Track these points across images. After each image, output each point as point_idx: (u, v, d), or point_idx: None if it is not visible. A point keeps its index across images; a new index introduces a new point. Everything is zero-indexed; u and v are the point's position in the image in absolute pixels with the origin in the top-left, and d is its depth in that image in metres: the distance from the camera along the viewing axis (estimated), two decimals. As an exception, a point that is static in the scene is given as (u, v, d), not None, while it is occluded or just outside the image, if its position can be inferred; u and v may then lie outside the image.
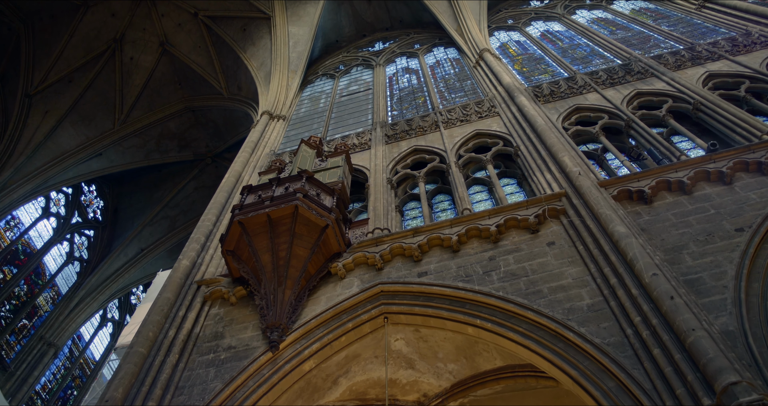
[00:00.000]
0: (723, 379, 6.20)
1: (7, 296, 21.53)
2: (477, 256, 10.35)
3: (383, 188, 13.48)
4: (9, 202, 22.06)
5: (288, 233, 10.69)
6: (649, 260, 8.29)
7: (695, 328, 6.93)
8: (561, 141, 12.67)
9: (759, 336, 7.40)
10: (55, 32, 26.24)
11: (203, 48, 27.39)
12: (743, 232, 9.10)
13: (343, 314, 10.15)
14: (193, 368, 9.74)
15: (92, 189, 28.81)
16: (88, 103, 26.42)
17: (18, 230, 23.41)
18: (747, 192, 10.03)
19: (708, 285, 8.26)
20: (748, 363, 6.92)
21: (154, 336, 10.06)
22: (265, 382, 9.26)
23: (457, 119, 16.12)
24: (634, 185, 10.68)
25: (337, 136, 17.87)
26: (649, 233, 9.64)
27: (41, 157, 24.17)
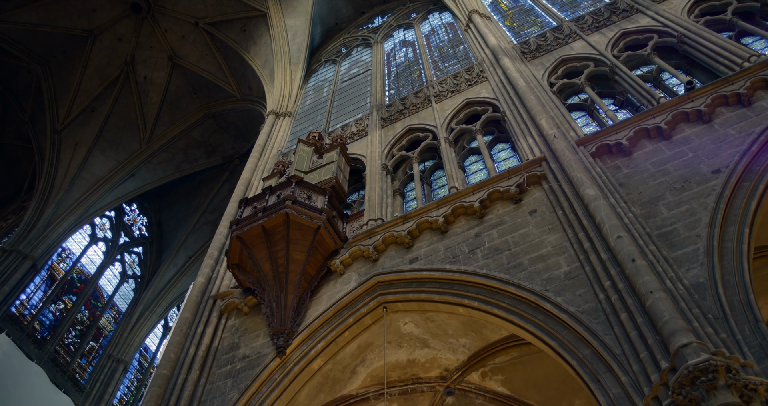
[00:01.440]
0: (676, 341, 6.22)
1: (72, 323, 23.00)
2: (464, 234, 10.49)
3: (378, 176, 13.66)
4: (57, 236, 23.37)
5: (283, 240, 11.08)
6: (615, 222, 8.24)
7: (653, 290, 6.92)
8: (542, 101, 12.51)
9: (732, 283, 7.32)
10: (69, 67, 27.26)
11: (210, 55, 27.87)
12: (720, 173, 8.90)
13: (344, 310, 10.52)
14: (213, 381, 10.35)
15: (134, 208, 30.10)
16: (113, 129, 27.46)
17: (70, 260, 24.82)
18: (726, 128, 9.76)
19: (681, 237, 8.18)
20: (715, 315, 6.89)
21: (175, 357, 10.70)
22: (277, 386, 9.77)
23: (448, 91, 16.04)
24: (612, 138, 10.51)
25: (339, 125, 18.05)
26: (627, 188, 9.54)
27: (79, 187, 25.39)
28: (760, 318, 6.86)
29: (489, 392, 11.98)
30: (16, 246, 21.62)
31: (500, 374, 11.95)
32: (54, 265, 23.60)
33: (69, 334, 22.64)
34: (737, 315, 6.92)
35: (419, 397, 12.21)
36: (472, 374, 11.94)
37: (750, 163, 8.92)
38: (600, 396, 6.90)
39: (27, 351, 19.84)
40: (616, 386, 6.80)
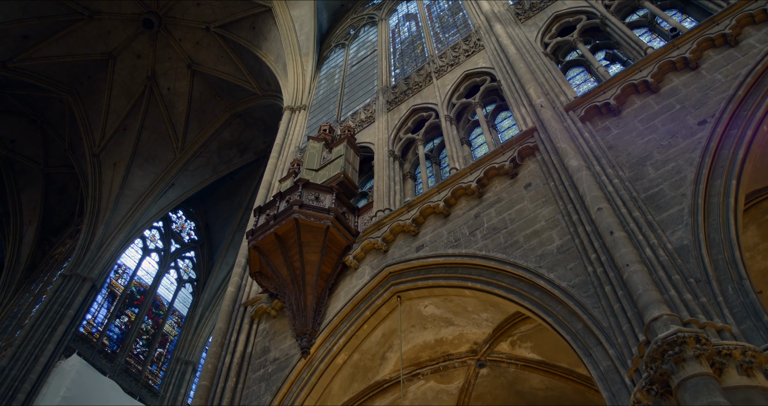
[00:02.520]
0: (648, 314, 6.26)
1: (138, 334, 24.34)
2: (464, 216, 10.59)
3: (385, 164, 13.80)
4: (110, 254, 24.60)
5: (296, 245, 11.45)
6: (596, 193, 8.20)
7: (629, 262, 6.93)
8: (531, 67, 12.33)
9: (717, 241, 7.23)
10: (96, 90, 28.30)
11: (225, 57, 28.33)
12: (706, 124, 8.70)
13: (360, 304, 10.85)
14: (249, 386, 10.92)
15: (180, 215, 31.24)
16: (146, 143, 28.45)
17: (127, 275, 26.13)
18: (714, 73, 9.47)
19: (667, 197, 8.08)
20: (697, 279, 6.86)
21: (213, 367, 11.33)
22: (305, 385, 10.24)
23: (447, 65, 15.91)
24: (600, 99, 10.35)
25: (349, 114, 18.18)
26: (616, 150, 9.42)
27: (124, 205, 26.55)
28: (744, 276, 6.79)
29: (520, 360, 12.14)
30: (74, 270, 22.92)
31: (529, 342, 12.08)
32: (113, 282, 24.91)
33: (137, 344, 23.98)
34: (722, 275, 6.87)
35: (453, 372, 12.48)
36: (501, 344, 12.11)
37: (737, 108, 8.67)
38: (592, 370, 7.01)
39: (100, 366, 21.19)
40: (606, 358, 6.89)
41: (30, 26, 25.46)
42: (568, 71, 13.15)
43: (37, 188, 29.53)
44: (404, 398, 12.54)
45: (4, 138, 28.97)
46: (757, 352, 5.85)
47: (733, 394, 5.53)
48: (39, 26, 25.72)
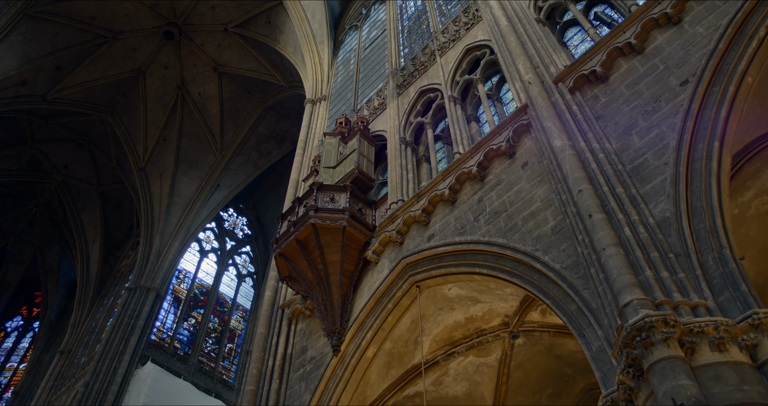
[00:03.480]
0: (622, 299, 6.38)
1: (206, 333, 25.68)
2: (469, 202, 10.76)
3: (396, 153, 13.97)
4: (169, 263, 25.89)
5: (317, 248, 11.92)
6: (578, 174, 8.24)
7: (606, 246, 7.01)
8: (523, 38, 12.19)
9: (699, 210, 7.21)
10: (132, 106, 29.44)
11: (248, 54, 28.78)
12: (687, 84, 8.55)
13: (382, 298, 11.25)
14: (291, 386, 11.58)
15: (231, 212, 32.37)
16: (187, 150, 29.47)
17: (188, 279, 27.47)
18: (696, 27, 9.22)
19: (651, 167, 8.06)
20: (677, 253, 6.89)
21: (258, 371, 12.05)
22: (340, 381, 10.79)
23: (449, 40, 15.81)
24: (587, 67, 10.23)
25: (364, 101, 18.34)
26: (604, 120, 9.37)
27: (175, 213, 27.76)
28: (725, 244, 6.78)
29: (552, 327, 12.25)
30: (138, 283, 24.30)
31: (558, 309, 12.23)
32: (176, 288, 26.27)
33: (206, 343, 25.33)
34: (703, 245, 6.87)
35: (489, 346, 12.74)
36: (532, 314, 12.27)
37: (719, 63, 8.47)
38: (586, 350, 7.20)
39: (175, 369, 22.56)
40: (597, 339, 7.06)
41: (60, 58, 26.60)
42: (567, 31, 12.93)
43: (94, 207, 31.17)
44: (446, 375, 13.01)
45: (57, 165, 30.62)
46: (730, 326, 5.92)
47: (704, 372, 5.65)
48: (68, 56, 26.84)
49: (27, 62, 25.35)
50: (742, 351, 5.81)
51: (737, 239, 11.17)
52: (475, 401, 13.31)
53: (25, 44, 25.14)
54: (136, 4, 27.19)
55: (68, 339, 26.51)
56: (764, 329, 5.85)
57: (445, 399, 13.25)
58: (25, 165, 30.27)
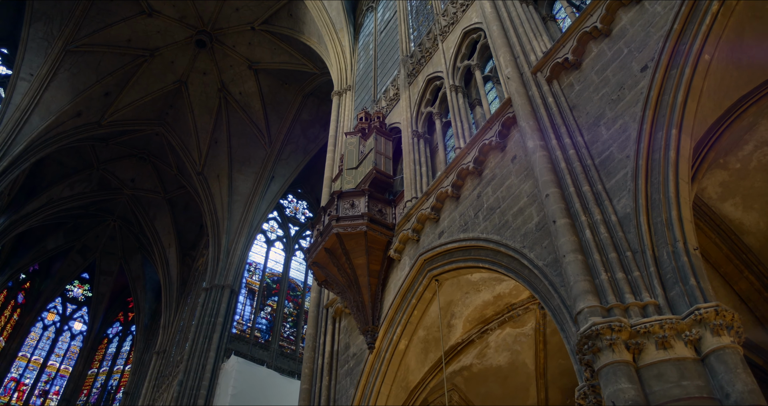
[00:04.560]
0: (576, 307, 6.93)
1: (283, 319, 27.45)
2: (470, 197, 11.32)
3: (410, 148, 14.49)
4: (239, 258, 27.65)
5: (343, 254, 12.85)
6: (547, 177, 8.66)
7: (566, 253, 7.52)
8: (506, 25, 12.35)
9: (657, 202, 7.57)
10: (181, 116, 31.06)
11: (278, 48, 29.61)
12: (647, 70, 8.73)
13: (407, 294, 12.08)
14: (339, 381, 12.73)
15: (290, 199, 33.84)
16: (238, 149, 30.91)
17: (259, 270, 29.23)
18: (654, 5, 9.32)
19: (615, 160, 8.40)
20: (634, 250, 7.33)
21: (309, 371, 13.26)
22: (378, 374, 11.80)
23: (449, 23, 15.98)
24: (561, 55, 10.44)
25: (382, 91, 18.79)
26: (578, 109, 9.66)
27: (236, 211, 29.39)
28: (679, 237, 7.14)
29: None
30: (212, 282, 26.18)
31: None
32: (248, 281, 28.07)
33: (284, 328, 27.13)
34: (659, 239, 7.27)
35: (522, 317, 13.34)
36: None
37: (675, 45, 8.59)
38: (566, 344, 7.80)
39: (259, 356, 24.44)
40: (573, 335, 7.64)
41: (106, 84, 28.35)
42: (556, 2, 12.95)
43: (165, 214, 33.39)
44: (488, 348, 13.83)
45: (124, 180, 32.88)
46: (675, 322, 6.41)
47: (648, 371, 6.21)
48: (113, 81, 28.55)
49: (77, 95, 27.18)
50: (687, 346, 6.30)
51: (746, 191, 11.41)
52: (518, 368, 14.13)
53: (73, 78, 26.94)
54: (165, 19, 28.40)
55: (161, 340, 29.04)
56: (707, 322, 6.30)
57: (490, 369, 14.14)
58: (96, 185, 32.71)
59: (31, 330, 34.60)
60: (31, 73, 25.68)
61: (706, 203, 11.51)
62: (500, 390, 14.47)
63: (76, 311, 36.86)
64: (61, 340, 35.50)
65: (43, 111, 25.84)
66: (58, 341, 35.39)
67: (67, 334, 35.97)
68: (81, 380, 34.00)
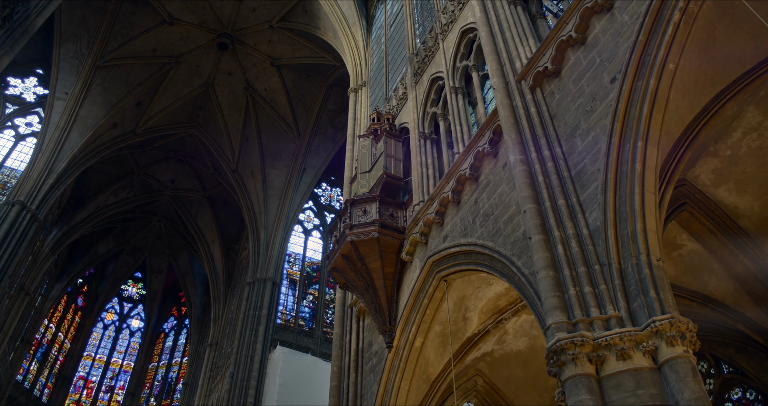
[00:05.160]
0: (546, 323, 7.56)
1: (325, 305, 28.67)
2: (469, 203, 11.91)
3: (417, 150, 15.04)
4: (278, 251, 28.84)
5: (359, 259, 13.66)
6: (525, 193, 9.19)
7: (539, 269, 8.11)
8: (494, 29, 12.70)
9: (624, 215, 8.06)
10: (211, 117, 32.18)
11: (298, 43, 30.20)
12: (615, 82, 9.10)
13: (419, 294, 12.82)
14: (364, 377, 13.66)
15: (324, 187, 34.82)
16: (269, 144, 31.90)
17: (298, 260, 30.42)
18: (623, 14, 9.60)
19: (588, 173, 8.87)
20: (602, 263, 7.88)
21: (338, 369, 14.24)
22: (398, 370, 12.66)
23: (448, 22, 16.31)
24: (542, 63, 10.80)
25: (393, 88, 19.27)
26: (558, 119, 10.09)
27: (272, 204, 30.52)
28: (642, 249, 7.66)
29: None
30: (254, 276, 27.46)
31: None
32: (289, 271, 29.32)
33: (327, 314, 28.32)
34: (625, 251, 7.80)
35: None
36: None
37: (641, 56, 8.91)
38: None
39: (304, 344, 25.72)
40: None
41: (137, 94, 29.60)
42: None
43: (206, 212, 34.84)
44: (506, 334, 14.54)
45: (165, 182, 34.39)
46: (634, 334, 6.99)
47: (608, 381, 6.84)
48: (143, 90, 29.79)
49: (111, 107, 28.51)
50: (644, 356, 6.89)
51: (738, 175, 11.72)
52: (537, 352, 14.73)
53: (105, 92, 28.24)
54: (186, 26, 29.32)
55: (213, 333, 30.69)
56: (662, 333, 6.87)
57: (511, 354, 14.89)
58: (139, 190, 34.33)
59: (93, 330, 36.96)
60: (66, 92, 27.04)
61: (701, 189, 11.87)
62: (522, 373, 15.23)
63: (132, 309, 39.09)
64: (121, 337, 37.81)
65: (81, 127, 27.25)
66: (119, 339, 37.70)
67: (126, 331, 38.27)
68: (143, 375, 36.25)
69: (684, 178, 11.59)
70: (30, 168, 25.29)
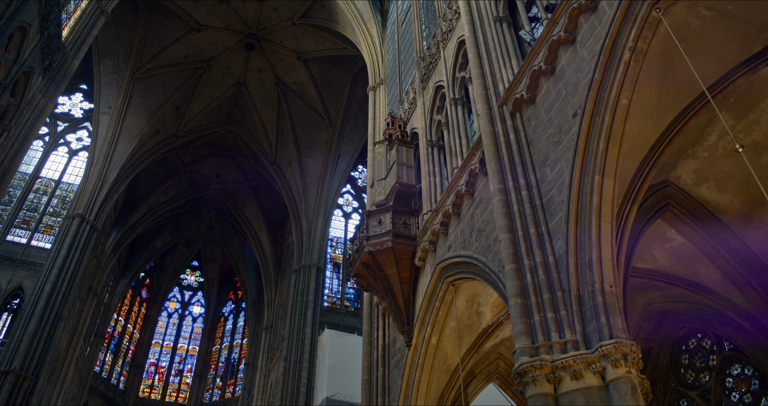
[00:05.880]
0: (515, 346, 8.82)
1: (367, 289, 30.45)
2: (467, 217, 13.09)
3: (426, 158, 16.13)
4: (320, 237, 30.58)
5: (377, 267, 15.08)
6: (501, 222, 10.31)
7: (511, 296, 9.32)
8: (481, 50, 13.54)
9: (584, 244, 9.15)
10: (247, 113, 33.81)
11: (320, 37, 31.38)
12: (576, 117, 10.02)
13: (432, 297, 14.16)
14: (390, 370, 15.24)
15: (360, 169, 36.26)
16: (303, 134, 33.39)
17: (340, 244, 32.18)
18: (582, 49, 10.38)
19: (555, 203, 9.93)
20: (564, 290, 9.04)
21: (368, 363, 15.86)
22: (417, 366, 14.13)
23: (447, 31, 17.11)
24: (519, 90, 11.71)
25: (405, 91, 20.20)
26: (534, 145, 11.07)
27: (311, 193, 32.21)
28: (597, 277, 8.77)
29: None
30: (300, 264, 29.34)
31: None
32: (332, 256, 31.13)
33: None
34: (583, 279, 8.90)
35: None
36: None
37: (597, 93, 9.76)
38: (530, 362, 9.72)
39: (351, 324, 27.58)
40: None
41: (174, 100, 31.43)
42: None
43: (251, 201, 36.85)
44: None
45: (210, 176, 36.47)
46: (585, 356, 8.18)
47: (564, 398, 8.10)
48: (180, 95, 31.59)
49: (152, 115, 30.44)
50: (595, 376, 8.09)
51: (718, 175, 12.55)
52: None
53: (145, 102, 30.14)
54: (214, 31, 30.77)
55: (267, 316, 32.99)
56: (609, 356, 8.03)
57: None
58: (187, 186, 36.55)
59: (158, 319, 40.09)
60: (109, 106, 29.03)
61: (683, 188, 12.68)
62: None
63: (192, 297, 41.99)
64: (184, 324, 40.85)
65: (126, 137, 29.30)
66: (183, 326, 40.75)
67: (188, 318, 41.26)
68: (208, 357, 39.23)
69: (667, 179, 12.44)
70: (84, 182, 27.56)
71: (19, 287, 23.58)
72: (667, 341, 15.85)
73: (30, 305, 22.61)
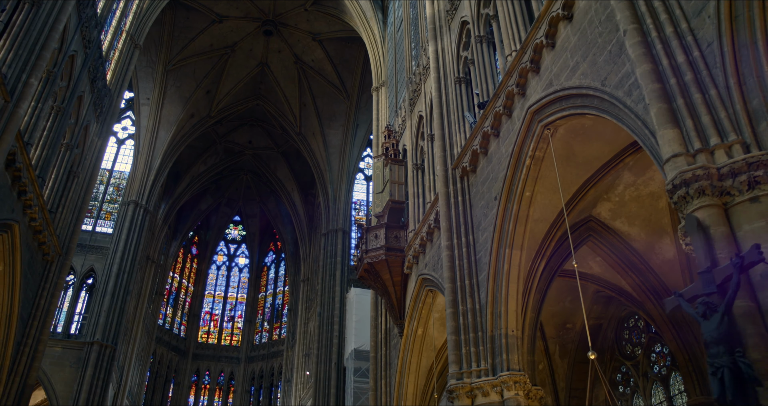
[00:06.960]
0: (449, 371, 13.14)
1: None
2: (435, 245, 17.07)
3: (412, 180, 19.92)
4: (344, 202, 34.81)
5: (375, 273, 19.41)
6: (447, 274, 14.34)
7: (449, 333, 13.53)
8: (443, 110, 16.99)
9: (498, 298, 13.25)
10: (271, 89, 37.39)
11: (331, 20, 33.99)
12: (497, 200, 13.76)
13: (416, 299, 18.48)
14: (389, 352, 19.91)
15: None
16: (323, 107, 36.92)
17: (363, 206, 36.47)
18: (501, 146, 13.90)
19: (482, 263, 13.90)
20: (483, 331, 13.22)
21: (375, 343, 20.56)
22: (409, 350, 18.68)
23: (426, 66, 20.21)
24: (465, 160, 15.31)
25: (399, 105, 23.49)
26: (474, 209, 14.88)
27: (334, 161, 36.34)
28: (503, 325, 12.91)
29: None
30: (327, 228, 33.87)
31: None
32: (356, 218, 35.49)
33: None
34: (495, 324, 13.06)
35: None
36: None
37: (510, 186, 13.43)
38: (467, 372, 14.11)
39: (373, 280, 32.41)
40: (467, 369, 13.93)
41: (204, 85, 35.13)
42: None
43: (282, 165, 41.07)
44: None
45: (243, 144, 40.68)
46: (491, 381, 12.47)
47: (476, 410, 12.52)
48: (209, 81, 35.23)
49: (186, 102, 34.32)
50: (497, 394, 12.44)
51: (628, 213, 16.17)
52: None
53: (178, 91, 33.95)
54: (234, 20, 33.86)
55: (303, 270, 38.06)
56: (505, 382, 12.33)
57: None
58: (223, 154, 40.88)
59: (209, 272, 45.82)
60: (148, 98, 32.98)
61: (603, 221, 16.38)
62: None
63: (237, 249, 47.45)
64: (232, 275, 46.59)
65: (166, 124, 33.42)
66: (231, 276, 46.48)
67: (235, 269, 46.94)
68: (255, 303, 45.11)
69: (590, 215, 16.15)
70: (134, 169, 32.10)
71: (92, 268, 28.64)
72: (613, 319, 19.92)
73: (102, 284, 27.76)
